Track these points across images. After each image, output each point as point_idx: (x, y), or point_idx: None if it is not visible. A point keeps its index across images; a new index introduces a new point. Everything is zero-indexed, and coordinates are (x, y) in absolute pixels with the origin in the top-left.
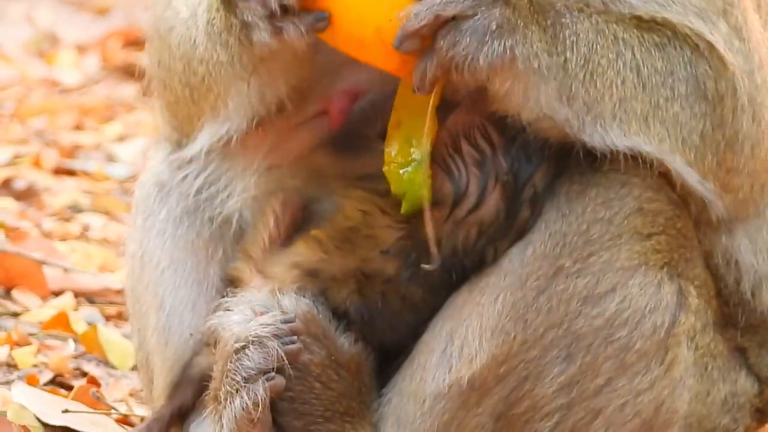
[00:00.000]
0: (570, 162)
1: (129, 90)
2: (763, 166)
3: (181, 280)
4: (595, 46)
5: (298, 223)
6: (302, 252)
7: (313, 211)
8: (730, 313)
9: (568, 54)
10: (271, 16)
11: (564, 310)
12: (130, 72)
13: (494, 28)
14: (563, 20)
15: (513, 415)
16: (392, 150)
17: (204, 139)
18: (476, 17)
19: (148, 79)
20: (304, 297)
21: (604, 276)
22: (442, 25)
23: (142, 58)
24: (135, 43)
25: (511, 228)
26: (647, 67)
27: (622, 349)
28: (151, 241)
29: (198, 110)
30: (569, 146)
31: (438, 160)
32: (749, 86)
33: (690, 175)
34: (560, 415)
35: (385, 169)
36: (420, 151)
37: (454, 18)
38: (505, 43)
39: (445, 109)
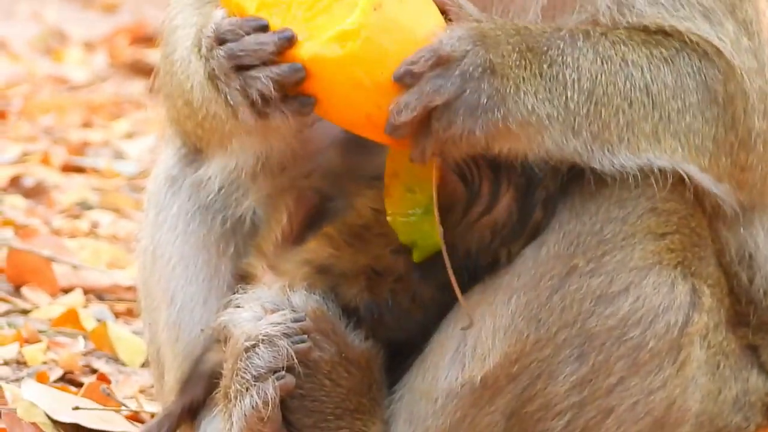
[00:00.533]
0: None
1: (137, 87)
2: None
3: (193, 275)
4: (600, 77)
5: (312, 220)
6: (314, 249)
7: (326, 209)
8: (742, 311)
9: (569, 93)
10: (252, 104)
11: (577, 310)
12: (137, 69)
13: (485, 101)
14: (562, 59)
15: (525, 414)
16: (393, 200)
17: (215, 167)
18: (466, 94)
19: (156, 76)
20: (314, 294)
21: (617, 275)
22: (433, 110)
23: (150, 55)
24: (143, 40)
25: (524, 229)
26: (657, 84)
27: (634, 349)
28: (162, 235)
29: (204, 142)
30: None
31: (450, 163)
32: (759, 84)
33: (704, 180)
34: (572, 413)
35: (389, 219)
36: (424, 199)
37: (445, 103)
38: (497, 113)
39: None
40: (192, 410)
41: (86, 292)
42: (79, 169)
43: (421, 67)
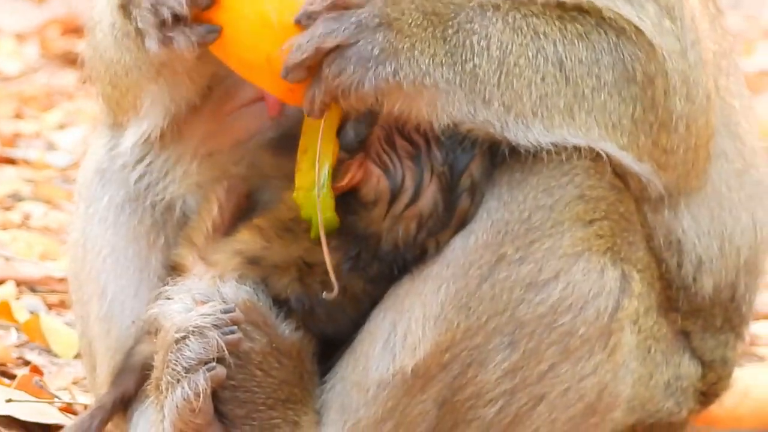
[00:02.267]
0: (507, 150)
1: (69, 78)
2: (700, 141)
3: (123, 267)
4: (510, 46)
5: (242, 210)
6: (245, 240)
7: (257, 200)
8: (672, 296)
9: (477, 60)
10: (162, 25)
11: (507, 298)
12: (69, 60)
13: (377, 53)
14: (470, 26)
15: (457, 402)
16: (301, 175)
17: (130, 136)
18: (359, 44)
19: (87, 68)
20: (245, 285)
21: (546, 263)
22: (326, 54)
23: (82, 46)
24: (74, 30)
25: (451, 219)
26: (570, 60)
27: (565, 335)
28: (93, 228)
29: (123, 107)
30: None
31: (372, 156)
32: (681, 66)
33: (624, 158)
34: (504, 401)
35: (294, 195)
36: (322, 174)
37: (338, 46)
38: (388, 68)
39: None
40: (124, 402)
41: (18, 283)
42: (11, 161)
43: (318, 7)
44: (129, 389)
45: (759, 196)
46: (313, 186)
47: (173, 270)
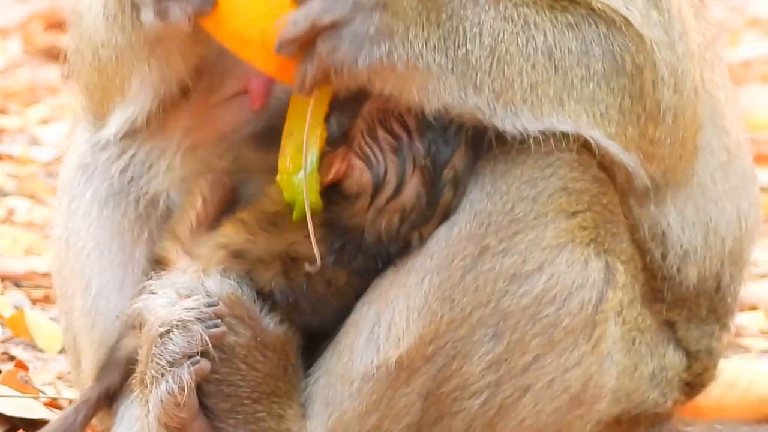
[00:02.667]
0: (492, 141)
1: (52, 73)
2: (687, 133)
3: (107, 261)
4: (502, 34)
5: (227, 204)
6: (229, 233)
7: (241, 193)
8: (657, 287)
9: (469, 46)
10: None
11: (491, 289)
12: (52, 55)
13: (372, 33)
14: (464, 13)
15: (441, 394)
16: (285, 159)
17: (115, 122)
18: (355, 22)
19: (69, 62)
20: (229, 278)
21: (530, 254)
22: (321, 31)
23: (65, 41)
24: (57, 25)
25: (434, 212)
26: (560, 49)
27: (549, 327)
28: (76, 223)
29: (108, 94)
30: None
31: (355, 149)
32: (669, 57)
33: (611, 147)
34: (489, 392)
35: (278, 178)
36: (309, 157)
37: (333, 24)
38: (382, 48)
39: (357, 99)
40: (109, 396)
41: (3, 279)
42: None
43: None
44: (114, 383)
45: (744, 186)
46: (297, 170)
47: (157, 264)
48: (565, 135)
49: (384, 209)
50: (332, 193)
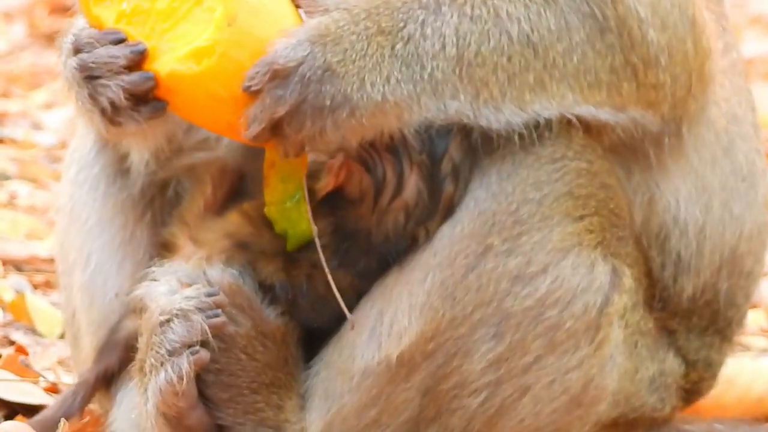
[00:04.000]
0: (498, 141)
1: (55, 57)
2: (691, 66)
3: (109, 238)
4: (468, 38)
5: (236, 191)
6: (235, 222)
7: (250, 182)
8: (659, 295)
9: (434, 63)
10: (103, 113)
11: (494, 289)
12: (56, 39)
13: (329, 103)
14: (421, 31)
15: (441, 391)
16: (270, 190)
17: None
18: (309, 98)
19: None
20: (231, 268)
21: (535, 256)
22: (282, 119)
23: (69, 25)
24: (61, 10)
25: (437, 206)
26: (537, 32)
27: (551, 328)
28: (82, 195)
29: None
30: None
31: (352, 154)
32: None
33: (602, 114)
34: (488, 391)
35: (265, 210)
36: (294, 189)
37: (289, 110)
38: (345, 110)
39: None
40: (107, 378)
41: (4, 263)
42: None
43: (259, 83)
44: (112, 365)
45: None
46: (284, 200)
47: (164, 248)
48: (570, 147)
49: (388, 209)
50: (336, 199)
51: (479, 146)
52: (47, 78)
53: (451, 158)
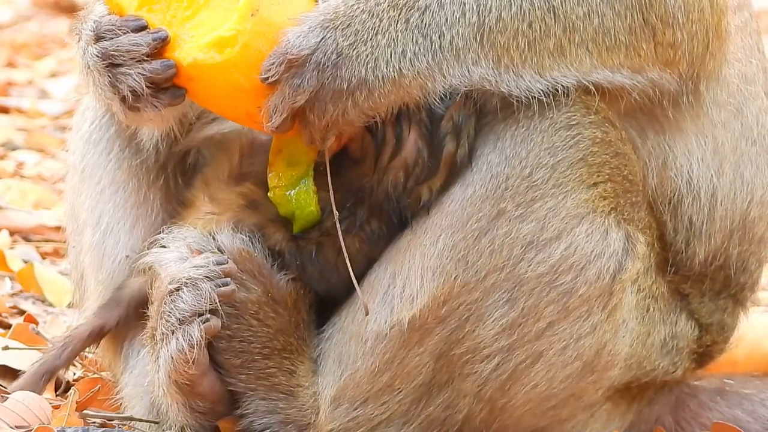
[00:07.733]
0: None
1: (61, 26)
2: (708, 23)
3: (122, 199)
4: (489, 5)
5: (261, 164)
6: (250, 186)
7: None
8: (671, 260)
9: (454, 31)
10: (124, 100)
11: (507, 254)
12: (61, 8)
13: (346, 86)
14: (439, 0)
15: (454, 356)
16: (276, 175)
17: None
18: (327, 84)
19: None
20: (241, 233)
21: (548, 223)
22: (303, 107)
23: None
24: None
25: (438, 164)
26: None
27: (565, 294)
28: (95, 156)
29: None
30: None
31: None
32: None
33: (618, 78)
34: (501, 357)
35: (269, 194)
36: (302, 170)
37: (309, 99)
38: (363, 93)
39: None
40: (101, 335)
41: (12, 233)
42: (4, 110)
43: (276, 74)
44: (111, 322)
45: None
46: (290, 185)
47: (182, 205)
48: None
49: (388, 167)
50: (341, 160)
51: (482, 106)
52: (53, 47)
53: (451, 117)
